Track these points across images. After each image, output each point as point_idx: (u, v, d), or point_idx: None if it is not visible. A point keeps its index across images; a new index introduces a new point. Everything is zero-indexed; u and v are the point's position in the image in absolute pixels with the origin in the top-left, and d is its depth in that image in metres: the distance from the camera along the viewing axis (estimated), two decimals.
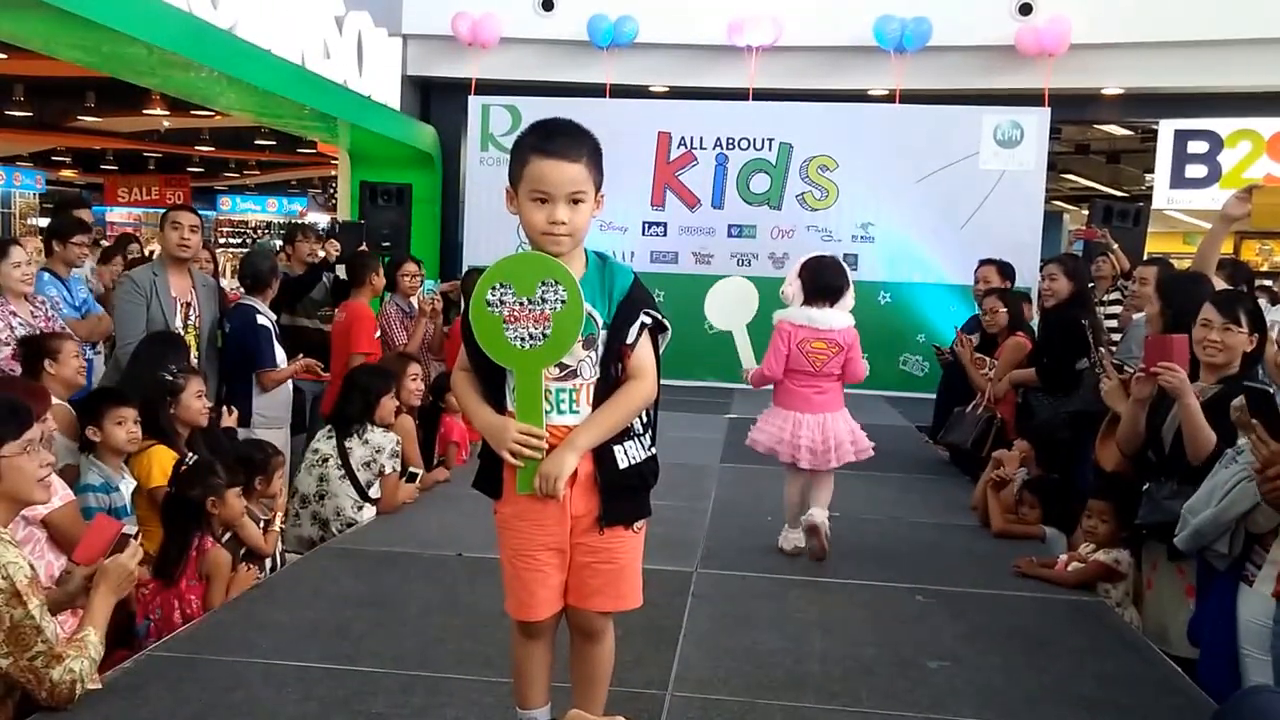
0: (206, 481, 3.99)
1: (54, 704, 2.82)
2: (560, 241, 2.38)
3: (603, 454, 2.42)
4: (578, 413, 2.42)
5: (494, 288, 2.35)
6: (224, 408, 5.28)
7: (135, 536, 3.24)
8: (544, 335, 2.33)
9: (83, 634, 2.92)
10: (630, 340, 2.41)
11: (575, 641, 2.58)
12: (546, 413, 2.39)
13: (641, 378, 2.44)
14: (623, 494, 2.45)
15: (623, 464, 2.44)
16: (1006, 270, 7.01)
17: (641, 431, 2.49)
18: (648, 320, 2.44)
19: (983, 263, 7.10)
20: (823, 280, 4.49)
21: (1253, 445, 3.08)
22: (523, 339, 2.35)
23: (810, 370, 4.48)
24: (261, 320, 5.94)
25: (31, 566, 2.87)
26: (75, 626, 3.00)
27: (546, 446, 2.37)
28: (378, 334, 6.93)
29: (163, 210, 7.76)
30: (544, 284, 2.33)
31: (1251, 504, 3.20)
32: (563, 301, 2.32)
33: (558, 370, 2.39)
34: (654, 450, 2.53)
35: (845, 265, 4.76)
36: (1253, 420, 3.07)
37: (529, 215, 2.38)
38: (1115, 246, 7.79)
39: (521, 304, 2.34)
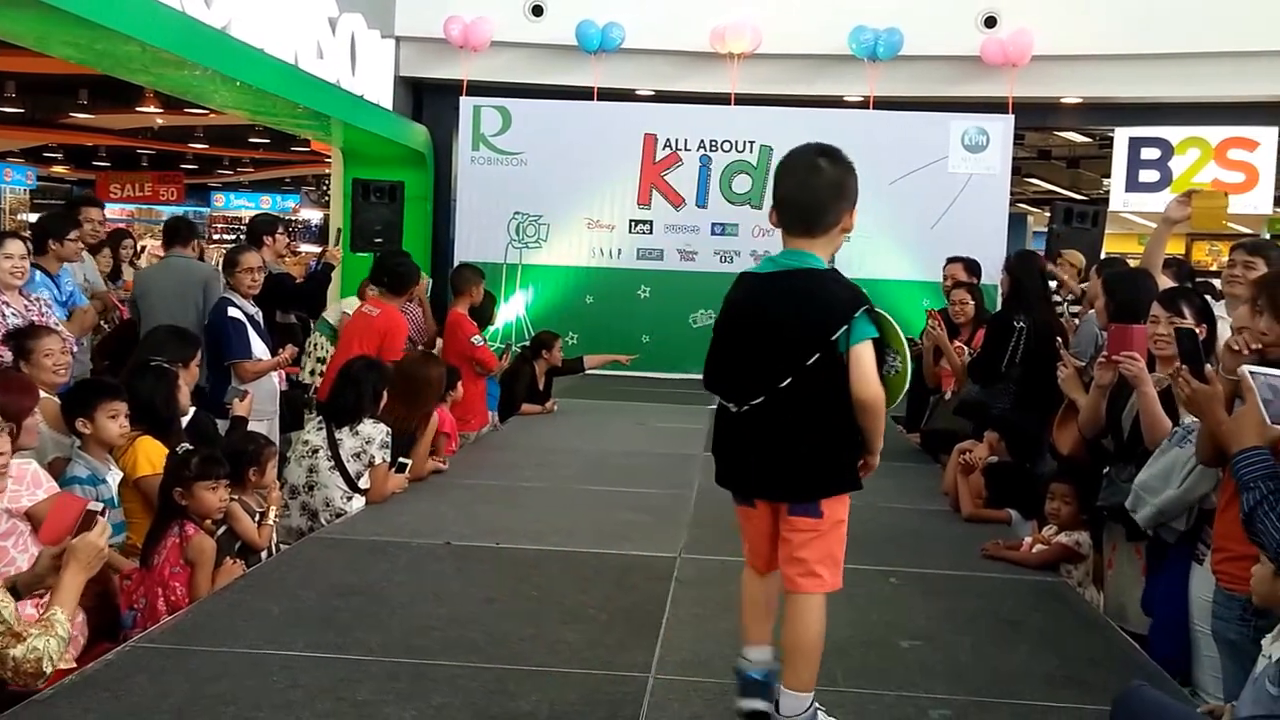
0: (178, 473, 3.97)
1: (21, 684, 2.73)
2: None
3: None
4: None
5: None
6: (239, 395, 5.33)
7: (102, 513, 3.07)
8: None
9: (49, 614, 2.81)
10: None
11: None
12: None
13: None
14: None
15: None
16: (973, 267, 7.23)
17: None
18: None
19: (950, 260, 7.33)
20: None
21: (1175, 386, 3.24)
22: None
23: None
24: (233, 312, 5.93)
25: None
26: (45, 607, 2.89)
27: None
28: None
29: (157, 206, 7.65)
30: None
31: (1212, 485, 3.33)
32: (895, 370, 2.72)
33: None
34: None
35: None
36: (1180, 365, 3.22)
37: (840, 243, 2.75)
38: (1065, 278, 8.03)
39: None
